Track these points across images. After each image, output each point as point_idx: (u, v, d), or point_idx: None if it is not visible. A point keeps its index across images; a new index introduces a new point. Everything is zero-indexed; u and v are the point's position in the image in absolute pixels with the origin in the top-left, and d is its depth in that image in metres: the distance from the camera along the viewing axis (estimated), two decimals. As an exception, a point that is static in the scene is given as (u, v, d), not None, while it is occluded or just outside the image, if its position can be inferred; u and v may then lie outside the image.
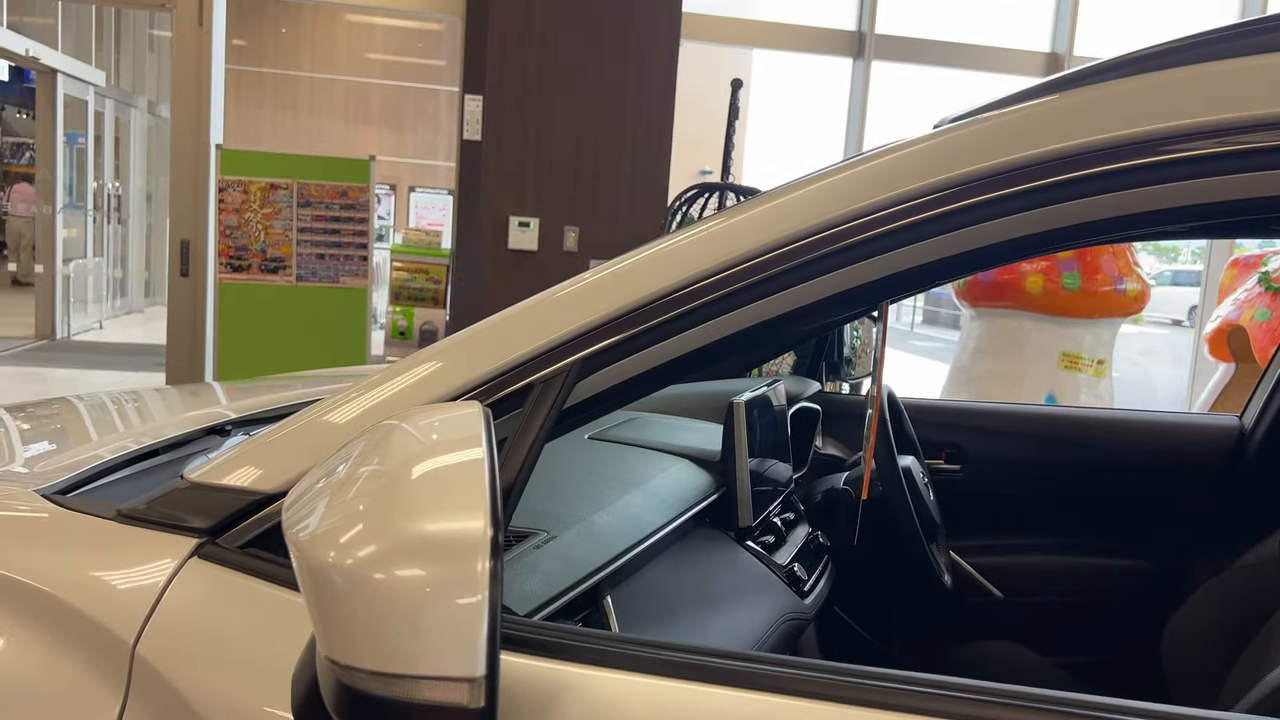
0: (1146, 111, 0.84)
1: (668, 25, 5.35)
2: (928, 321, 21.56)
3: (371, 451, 0.73)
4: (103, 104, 11.40)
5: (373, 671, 0.64)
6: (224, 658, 0.87)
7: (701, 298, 0.91)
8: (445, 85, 15.20)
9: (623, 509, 1.24)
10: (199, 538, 0.95)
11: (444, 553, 0.64)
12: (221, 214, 5.53)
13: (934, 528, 1.90)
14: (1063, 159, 0.85)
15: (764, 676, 0.78)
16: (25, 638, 0.91)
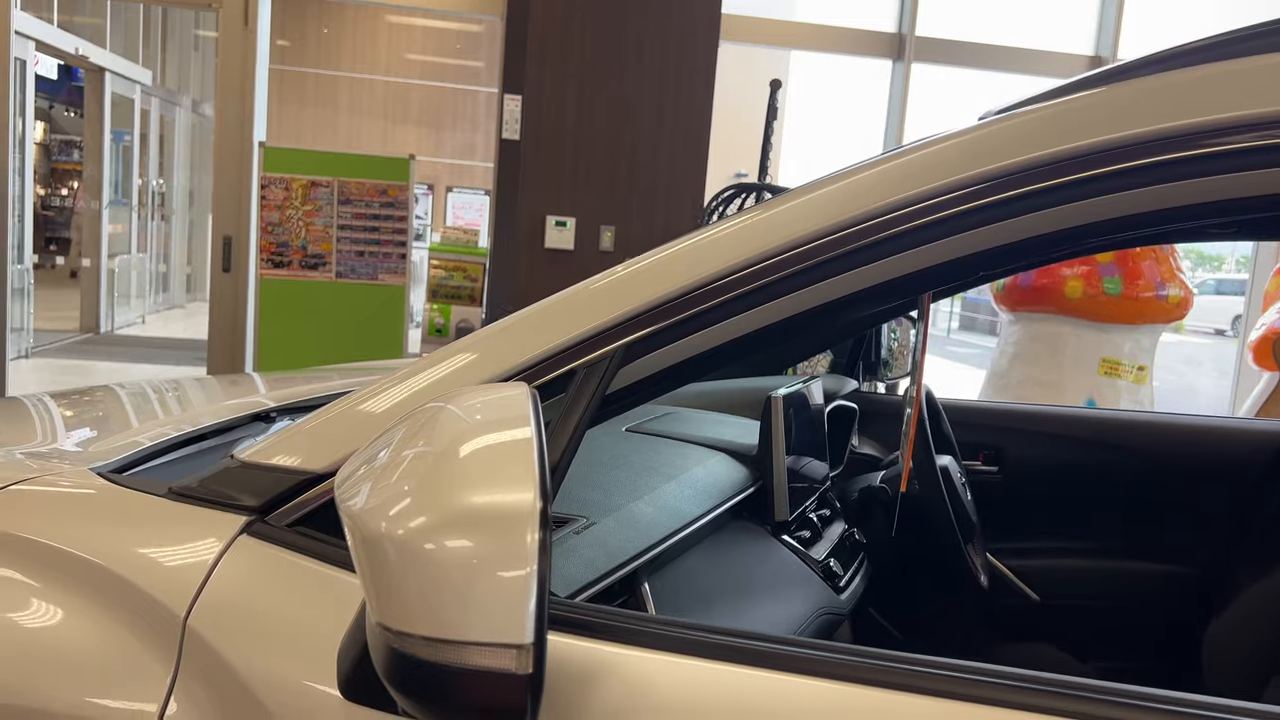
0: (1188, 105, 0.84)
1: (706, 26, 5.36)
2: (964, 328, 21.38)
3: (421, 429, 0.74)
4: (149, 102, 11.60)
5: (423, 637, 0.66)
6: (272, 632, 0.89)
7: (743, 287, 0.91)
8: (484, 86, 15.30)
9: (660, 499, 1.25)
10: (248, 515, 0.97)
11: (494, 524, 0.65)
12: (263, 210, 5.61)
13: (970, 528, 1.89)
14: (1104, 152, 0.85)
15: (801, 660, 0.79)
16: (82, 609, 0.94)
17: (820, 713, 0.77)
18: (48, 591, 0.95)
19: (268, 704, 0.86)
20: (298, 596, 0.91)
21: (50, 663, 0.91)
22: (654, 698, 0.79)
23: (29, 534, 0.98)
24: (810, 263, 0.90)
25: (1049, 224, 0.87)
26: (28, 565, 0.97)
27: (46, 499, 1.04)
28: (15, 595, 0.95)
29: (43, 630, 0.93)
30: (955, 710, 0.74)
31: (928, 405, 1.95)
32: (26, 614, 0.94)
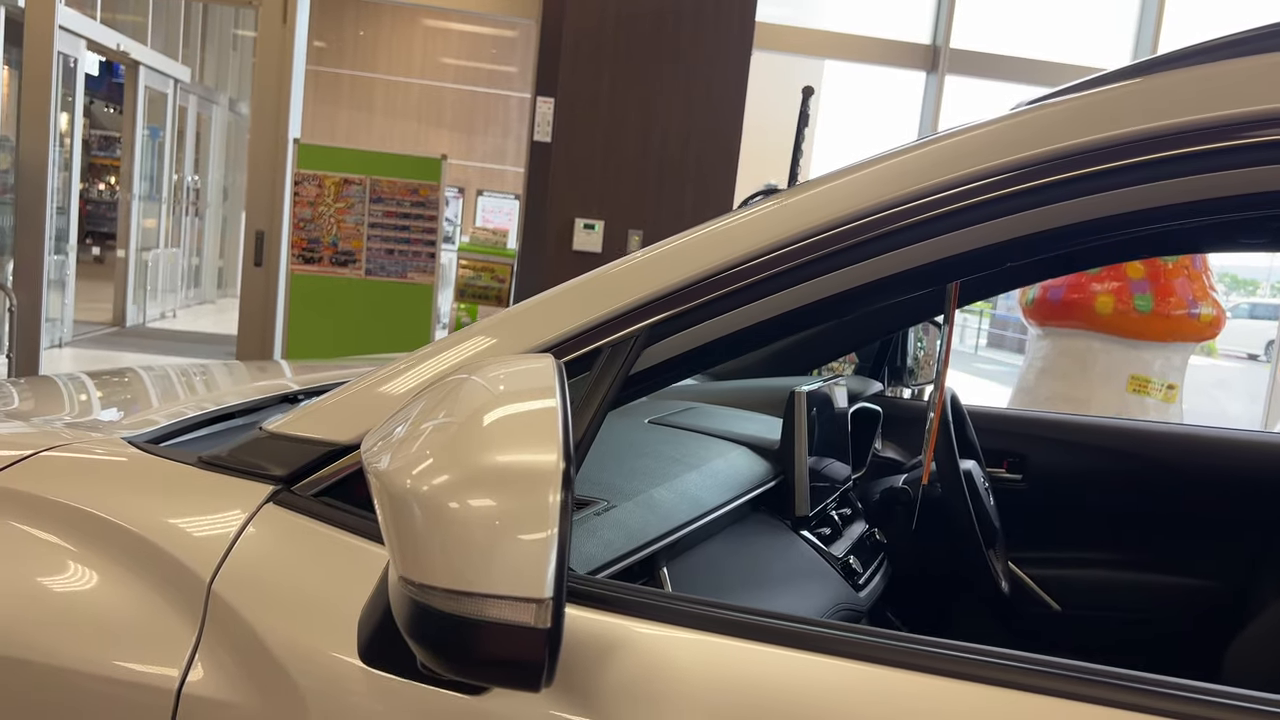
0: (1225, 97, 0.83)
1: (740, 35, 5.37)
2: (993, 345, 21.22)
3: (447, 397, 0.75)
4: (186, 99, 11.76)
5: (445, 589, 0.67)
6: (294, 598, 0.90)
7: (769, 270, 0.92)
8: (517, 91, 15.39)
9: (681, 486, 1.26)
10: (275, 485, 0.99)
11: (518, 483, 0.66)
12: (296, 207, 5.67)
13: (993, 533, 1.88)
14: (1138, 142, 0.85)
15: (816, 638, 0.79)
16: (109, 572, 0.95)
17: (833, 690, 0.77)
18: (76, 554, 0.96)
19: (289, 668, 0.87)
20: (321, 564, 0.92)
21: (76, 624, 0.92)
22: (669, 671, 0.80)
23: (60, 498, 1.00)
24: (837, 247, 0.90)
25: (1079, 214, 0.87)
26: (58, 528, 0.98)
27: (78, 465, 1.06)
28: (45, 557, 0.97)
29: (70, 592, 0.94)
30: (967, 691, 0.74)
31: (952, 409, 1.94)
32: (55, 576, 0.95)
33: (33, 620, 0.92)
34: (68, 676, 0.90)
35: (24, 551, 0.97)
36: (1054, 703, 0.72)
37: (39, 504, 1.00)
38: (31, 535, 0.98)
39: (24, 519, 0.99)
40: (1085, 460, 2.18)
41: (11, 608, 0.93)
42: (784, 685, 0.78)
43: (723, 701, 0.78)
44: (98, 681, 0.89)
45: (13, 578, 0.95)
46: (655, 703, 0.79)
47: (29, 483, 1.01)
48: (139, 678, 0.89)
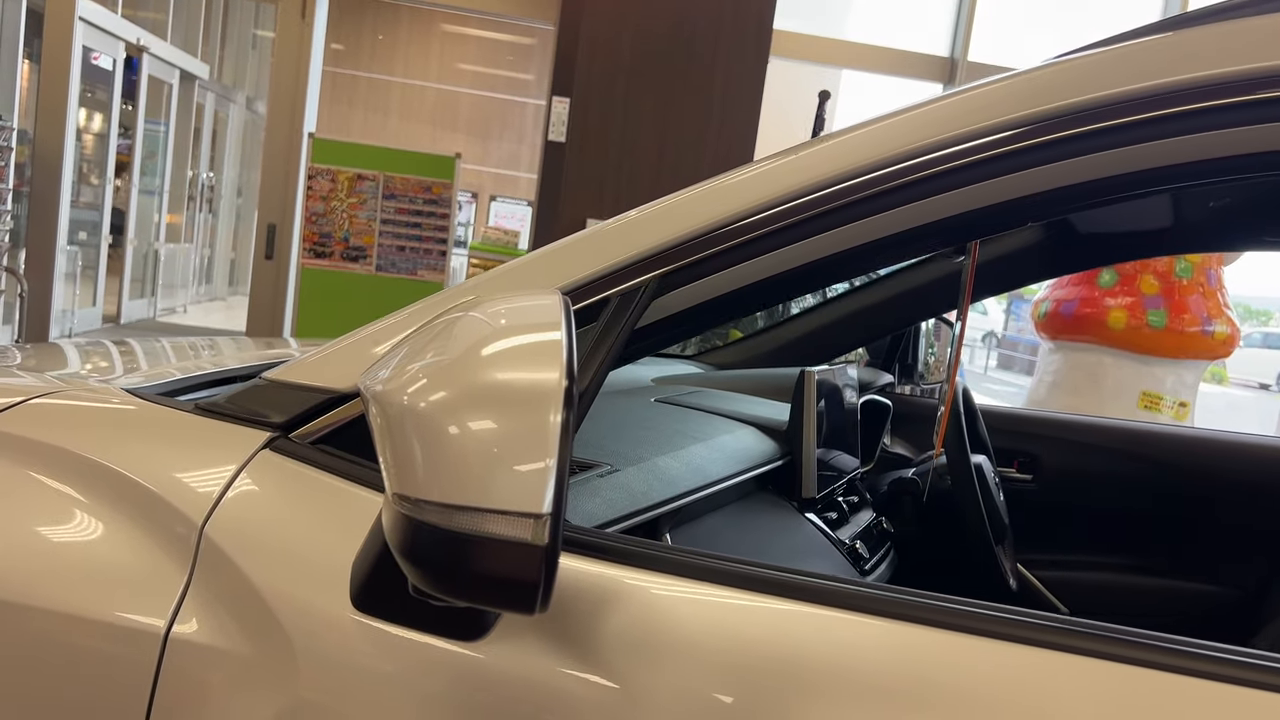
0: (1256, 50, 0.81)
1: (756, 41, 5.37)
2: (1003, 366, 21.15)
3: (448, 327, 0.74)
4: (205, 97, 11.81)
5: (440, 504, 0.65)
6: (288, 543, 0.88)
7: (785, 220, 0.90)
8: (532, 98, 15.44)
9: (687, 457, 1.24)
10: (272, 432, 0.97)
11: (518, 399, 0.65)
12: (309, 201, 5.68)
13: (1002, 529, 1.85)
14: (1165, 95, 0.82)
15: (814, 590, 0.78)
16: (100, 515, 0.93)
17: (833, 641, 0.76)
18: (67, 497, 0.95)
19: (279, 615, 0.85)
20: (316, 510, 0.90)
21: (63, 566, 0.90)
22: (668, 622, 0.79)
23: (52, 441, 0.98)
24: (854, 198, 0.88)
25: (1102, 169, 0.85)
26: (49, 471, 0.97)
27: (72, 410, 1.04)
28: (35, 500, 0.95)
29: (58, 534, 0.92)
30: (963, 643, 0.74)
31: (964, 404, 1.91)
32: (44, 518, 0.93)
33: (18, 562, 0.91)
34: (52, 619, 0.88)
35: (14, 494, 0.95)
36: (1059, 657, 0.72)
37: (30, 447, 0.98)
38: (22, 478, 0.96)
39: (15, 462, 0.97)
40: (1096, 462, 2.15)
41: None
42: (783, 637, 0.76)
43: (722, 651, 0.77)
44: (82, 624, 0.87)
45: (1, 520, 0.93)
46: (654, 652, 0.77)
47: (21, 426, 1.00)
48: (125, 621, 0.87)
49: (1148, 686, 0.70)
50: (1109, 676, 0.71)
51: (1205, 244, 1.91)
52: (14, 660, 0.88)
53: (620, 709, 0.76)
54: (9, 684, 0.87)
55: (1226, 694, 0.69)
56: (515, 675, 0.79)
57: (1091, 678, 0.71)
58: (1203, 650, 0.71)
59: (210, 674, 0.85)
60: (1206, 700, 0.69)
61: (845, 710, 0.73)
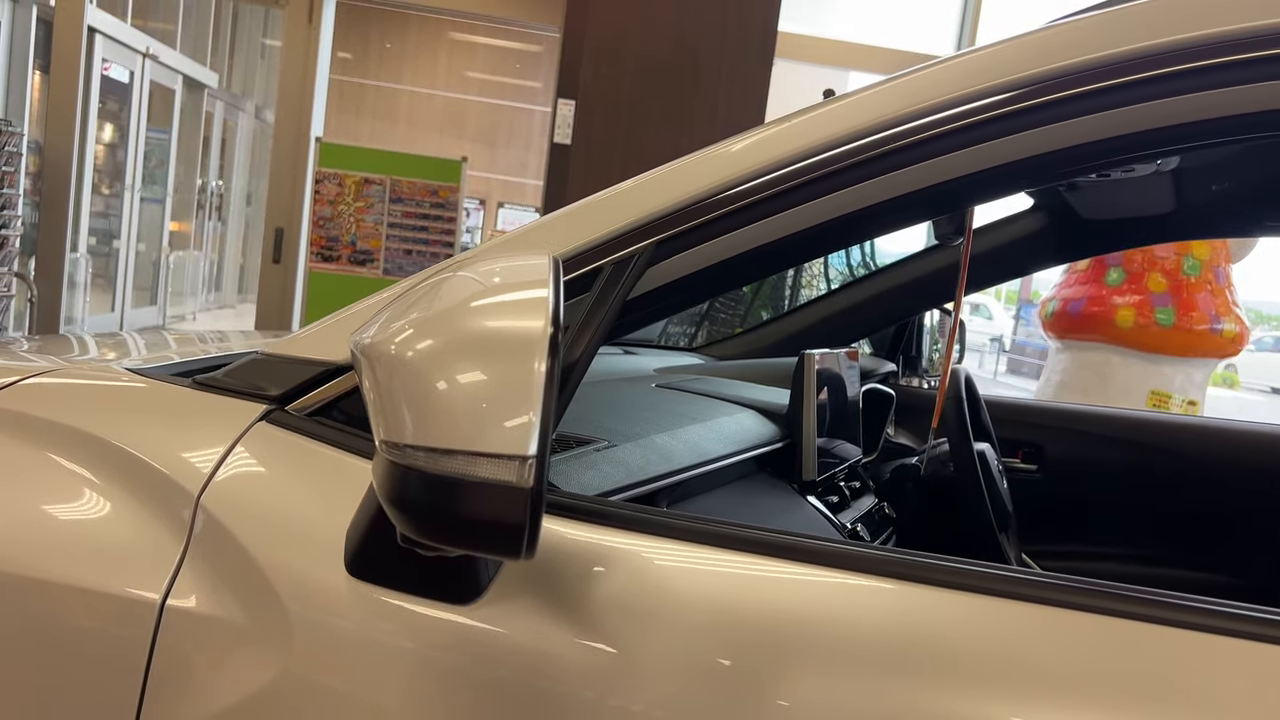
0: (1256, 9, 0.81)
1: (762, 43, 5.37)
2: (1012, 370, 21.08)
3: (437, 285, 0.74)
4: (213, 105, 11.87)
5: (427, 448, 0.65)
6: (283, 512, 0.88)
7: (780, 186, 0.90)
8: (539, 105, 15.48)
9: (685, 436, 1.24)
10: (268, 405, 0.97)
11: (503, 346, 0.65)
12: (316, 205, 5.70)
13: (1006, 517, 1.84)
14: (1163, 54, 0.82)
15: (808, 550, 0.78)
16: (97, 487, 0.94)
17: (827, 602, 0.76)
18: (64, 470, 0.95)
19: (275, 583, 0.85)
20: (311, 481, 0.90)
21: (60, 537, 0.91)
22: (661, 584, 0.79)
23: (50, 416, 0.98)
24: (855, 160, 0.88)
25: (1106, 129, 0.84)
26: (47, 445, 0.97)
27: (71, 387, 1.05)
28: (32, 473, 0.95)
29: (55, 506, 0.93)
30: (960, 601, 0.74)
31: (967, 392, 1.91)
32: (41, 491, 0.94)
33: (15, 534, 0.91)
34: (49, 590, 0.88)
35: (11, 469, 0.95)
36: (1055, 613, 0.72)
37: (28, 423, 0.99)
38: (20, 453, 0.97)
39: (13, 438, 0.98)
40: (1102, 452, 2.14)
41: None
42: (779, 599, 0.76)
43: (718, 615, 0.76)
44: (78, 595, 0.88)
45: (1, 492, 0.94)
46: (650, 617, 0.77)
47: (19, 403, 1.00)
48: (122, 591, 0.87)
49: (1141, 639, 0.70)
50: (1104, 631, 0.71)
51: (1209, 229, 1.90)
52: (12, 631, 0.88)
53: (617, 674, 0.76)
54: (7, 654, 0.88)
55: (1221, 646, 0.69)
56: (509, 640, 0.79)
57: (1085, 632, 0.71)
58: (1196, 604, 0.71)
59: (206, 643, 0.85)
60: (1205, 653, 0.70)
61: (844, 671, 0.73)
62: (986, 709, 0.70)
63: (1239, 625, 0.70)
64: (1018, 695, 0.70)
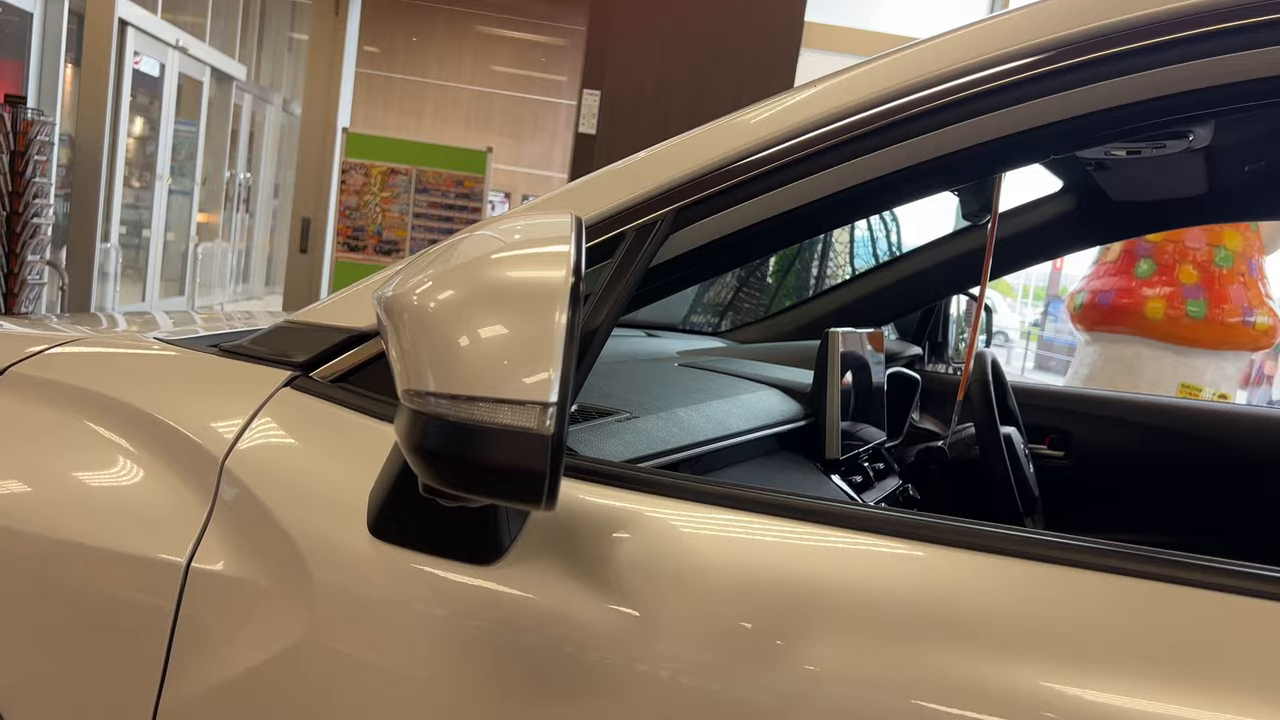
0: None
1: (788, 33, 5.35)
2: (1039, 367, 20.90)
3: (459, 242, 0.74)
4: (241, 98, 11.97)
5: (449, 395, 0.66)
6: (307, 475, 0.89)
7: (802, 151, 0.89)
8: (565, 99, 15.49)
9: (708, 410, 1.23)
10: (293, 371, 0.98)
11: (524, 296, 0.65)
12: (342, 195, 5.73)
13: (1032, 501, 1.83)
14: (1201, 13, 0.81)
15: (831, 513, 0.78)
16: (124, 451, 0.95)
17: (849, 564, 0.75)
18: (92, 435, 0.96)
19: (298, 545, 0.85)
20: (334, 445, 0.91)
21: (88, 499, 0.92)
22: (684, 547, 0.78)
23: (81, 384, 1.00)
24: (883, 124, 0.87)
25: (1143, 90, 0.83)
26: (79, 412, 0.98)
27: (99, 355, 1.06)
28: (61, 438, 0.96)
29: (83, 470, 0.94)
30: (981, 563, 0.74)
31: (994, 376, 1.89)
32: (70, 455, 0.95)
33: (46, 497, 0.92)
34: (80, 550, 0.89)
35: (42, 434, 0.97)
36: (1078, 574, 0.72)
37: (58, 390, 1.00)
38: (51, 419, 0.98)
39: (44, 404, 0.99)
40: (1135, 439, 2.12)
41: (26, 484, 0.93)
42: (801, 561, 0.76)
43: (740, 577, 0.76)
44: (108, 555, 0.89)
45: (30, 456, 0.95)
46: (670, 578, 0.77)
47: (49, 370, 1.01)
48: (149, 552, 0.88)
49: (1166, 600, 0.70)
50: (1124, 592, 0.70)
51: (1242, 212, 1.87)
52: (41, 591, 0.89)
53: (640, 636, 0.76)
54: (38, 613, 0.89)
55: (1244, 606, 0.70)
56: (531, 603, 0.79)
57: (1107, 593, 0.71)
58: (1235, 568, 0.71)
59: (230, 604, 0.86)
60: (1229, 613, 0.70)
61: (866, 634, 0.73)
62: (1010, 671, 0.69)
63: (1263, 586, 0.69)
64: (1041, 657, 0.69)
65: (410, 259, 0.99)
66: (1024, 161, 0.96)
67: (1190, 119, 0.91)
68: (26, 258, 5.36)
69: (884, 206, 0.99)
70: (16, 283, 5.31)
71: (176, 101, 9.24)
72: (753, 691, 0.73)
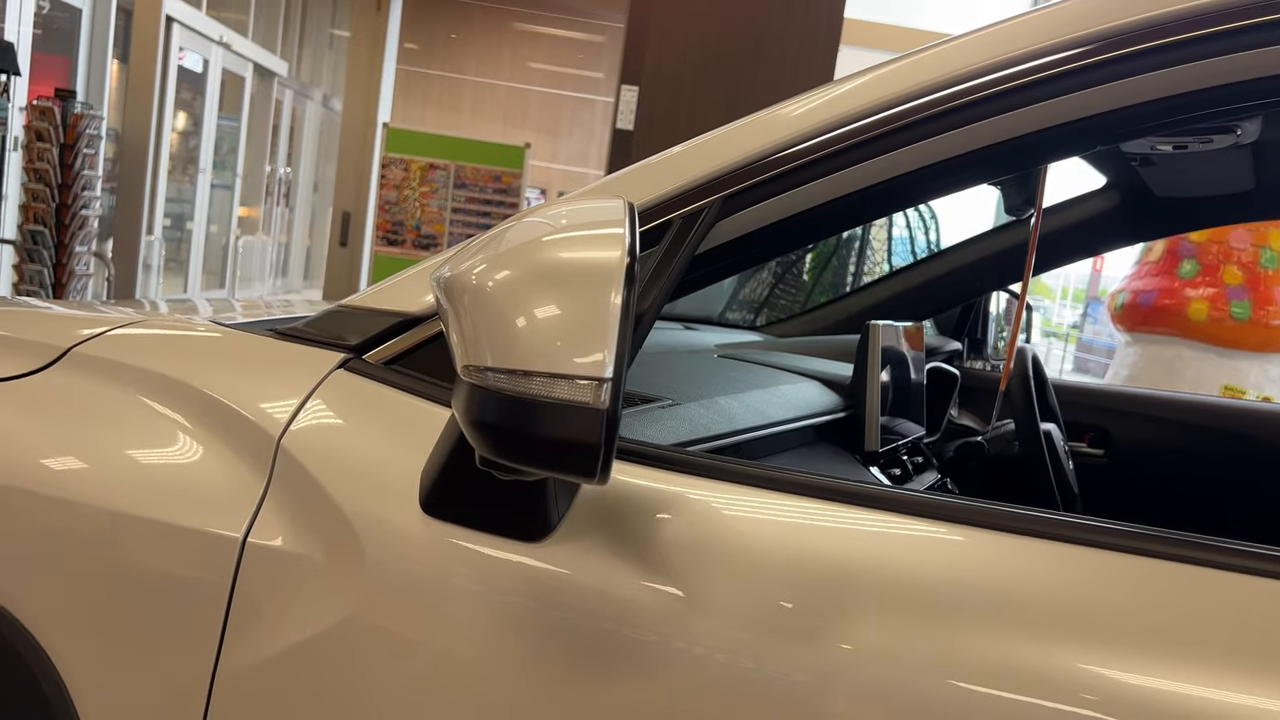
0: None
1: (828, 30, 5.33)
2: (1078, 369, 20.66)
3: (513, 226, 0.76)
4: (283, 93, 12.12)
5: (506, 370, 0.67)
6: (360, 456, 0.91)
7: (849, 141, 0.90)
8: (601, 96, 15.52)
9: (748, 400, 1.24)
10: (346, 353, 1.00)
11: (580, 275, 0.67)
12: (382, 189, 5.80)
13: (1072, 498, 1.82)
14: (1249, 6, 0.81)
15: (873, 496, 0.79)
16: (183, 430, 0.98)
17: (891, 544, 0.76)
18: (156, 414, 0.99)
19: (351, 521, 0.88)
20: (386, 424, 0.93)
21: (149, 476, 0.95)
22: (728, 528, 0.80)
23: (141, 364, 1.02)
24: (929, 114, 0.88)
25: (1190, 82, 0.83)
26: (140, 391, 1.01)
27: (158, 336, 1.09)
28: (122, 416, 0.99)
29: (144, 447, 0.97)
30: (1025, 547, 0.75)
31: (1034, 372, 1.88)
32: (130, 432, 0.98)
33: (106, 471, 0.95)
34: (141, 524, 0.92)
35: (105, 412, 1.00)
36: (1116, 558, 0.73)
37: (119, 370, 1.03)
38: (113, 397, 1.01)
39: (106, 383, 1.02)
40: (1177, 437, 2.10)
41: (91, 460, 0.96)
42: (843, 542, 0.77)
43: (782, 557, 0.77)
44: (169, 529, 0.91)
45: (94, 434, 0.98)
46: (713, 558, 0.79)
47: (110, 351, 1.04)
48: (208, 526, 0.91)
49: (1206, 585, 0.70)
50: (1160, 575, 0.71)
51: None
52: (103, 562, 0.92)
53: (683, 615, 0.77)
54: (101, 584, 0.92)
55: None
56: (577, 580, 0.80)
57: (1148, 578, 0.71)
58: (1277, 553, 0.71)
59: (285, 578, 0.88)
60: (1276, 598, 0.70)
61: (906, 615, 0.74)
62: (1047, 653, 0.70)
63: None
64: (1079, 640, 0.70)
65: (465, 243, 1.01)
66: (1064, 155, 0.96)
67: (1237, 113, 0.90)
68: (75, 249, 5.47)
69: (930, 196, 1.00)
70: (65, 273, 5.43)
71: (219, 97, 9.38)
72: (793, 670, 0.75)
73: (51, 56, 6.99)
